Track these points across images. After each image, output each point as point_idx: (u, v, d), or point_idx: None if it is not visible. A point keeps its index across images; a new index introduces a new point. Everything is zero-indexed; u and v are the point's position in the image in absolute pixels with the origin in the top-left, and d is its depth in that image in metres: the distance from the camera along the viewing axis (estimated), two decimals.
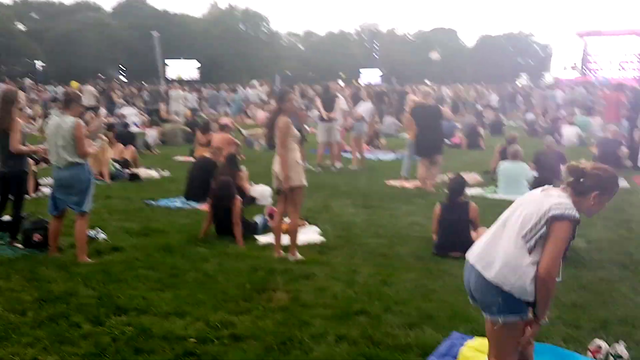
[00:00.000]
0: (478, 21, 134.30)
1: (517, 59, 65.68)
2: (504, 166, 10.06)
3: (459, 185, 6.94)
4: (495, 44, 67.41)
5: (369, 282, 5.67)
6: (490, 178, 10.84)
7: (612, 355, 4.05)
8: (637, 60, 41.89)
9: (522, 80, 47.08)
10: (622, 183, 10.71)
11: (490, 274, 3.11)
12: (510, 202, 3.42)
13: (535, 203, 3.15)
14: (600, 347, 4.07)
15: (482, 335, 4.38)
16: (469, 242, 6.52)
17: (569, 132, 16.88)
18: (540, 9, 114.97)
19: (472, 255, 3.30)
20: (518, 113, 26.59)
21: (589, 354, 4.06)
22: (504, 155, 10.80)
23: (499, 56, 64.23)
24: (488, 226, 6.73)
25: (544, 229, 3.03)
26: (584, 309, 5.04)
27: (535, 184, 6.45)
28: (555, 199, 3.09)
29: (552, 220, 3.02)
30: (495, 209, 8.46)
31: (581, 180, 3.13)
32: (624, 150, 12.19)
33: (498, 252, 3.15)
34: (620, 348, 4.11)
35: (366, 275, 5.88)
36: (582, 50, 43.20)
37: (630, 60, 42.64)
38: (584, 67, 42.99)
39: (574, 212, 3.04)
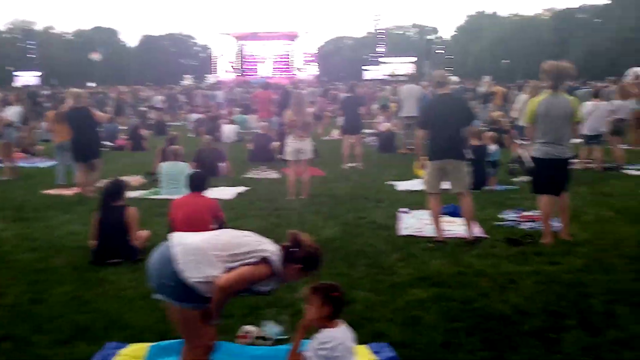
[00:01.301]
0: (139, 20, 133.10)
1: (180, 60, 67.08)
2: (165, 166, 10.14)
3: (115, 188, 6.75)
4: (158, 45, 67.88)
5: (17, 303, 5.17)
6: (153, 179, 10.83)
7: (259, 337, 4.34)
8: (287, 60, 46.16)
9: (187, 81, 48.20)
10: (274, 175, 11.69)
11: (179, 260, 3.20)
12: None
13: (253, 237, 3.39)
14: (248, 332, 4.33)
15: (137, 341, 4.35)
16: (129, 247, 6.46)
17: (228, 130, 17.78)
18: (198, 11, 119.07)
19: (177, 237, 3.38)
20: (182, 113, 27.15)
21: (238, 340, 4.28)
22: (165, 156, 10.90)
23: (163, 57, 64.89)
24: (152, 228, 6.78)
25: (252, 260, 3.24)
26: None
27: (192, 179, 6.61)
28: (275, 250, 3.32)
29: (263, 260, 3.25)
30: (158, 209, 8.55)
31: (295, 249, 3.34)
32: (275, 144, 13.29)
33: (197, 248, 3.26)
34: (268, 329, 4.42)
35: (15, 295, 5.36)
36: (239, 52, 46.05)
37: (282, 60, 46.85)
38: (241, 68, 45.85)
39: (279, 269, 3.29)
